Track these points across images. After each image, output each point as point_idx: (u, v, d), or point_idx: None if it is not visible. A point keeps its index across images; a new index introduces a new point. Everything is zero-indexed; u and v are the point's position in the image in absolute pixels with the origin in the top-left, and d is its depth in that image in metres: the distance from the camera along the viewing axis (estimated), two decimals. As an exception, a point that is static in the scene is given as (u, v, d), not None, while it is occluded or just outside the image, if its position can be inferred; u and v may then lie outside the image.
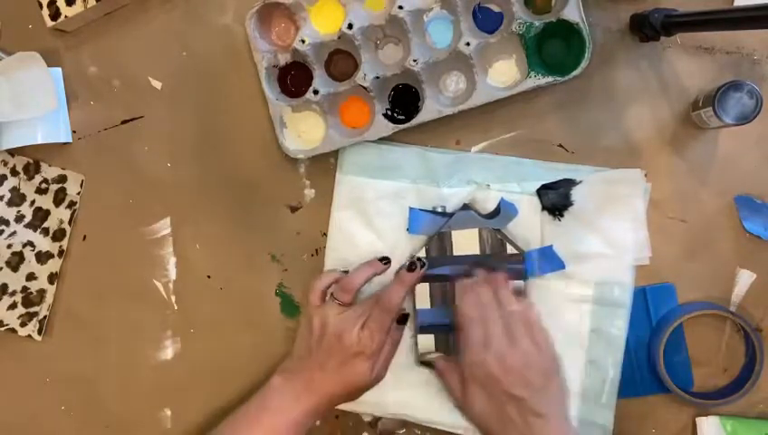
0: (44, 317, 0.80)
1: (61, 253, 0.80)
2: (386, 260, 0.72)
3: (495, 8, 0.72)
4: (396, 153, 0.74)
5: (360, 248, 0.74)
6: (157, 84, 0.79)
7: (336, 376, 0.68)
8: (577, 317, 0.71)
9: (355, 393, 0.70)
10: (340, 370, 0.68)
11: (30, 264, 0.80)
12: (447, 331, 0.71)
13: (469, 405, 0.66)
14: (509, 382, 0.63)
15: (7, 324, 0.81)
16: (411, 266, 0.70)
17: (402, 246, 0.74)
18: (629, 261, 0.71)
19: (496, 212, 0.72)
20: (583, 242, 0.71)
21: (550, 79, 0.69)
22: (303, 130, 0.75)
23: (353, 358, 0.68)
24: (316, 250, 0.77)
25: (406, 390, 0.73)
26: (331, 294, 0.71)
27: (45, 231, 0.80)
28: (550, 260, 0.71)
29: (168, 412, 0.80)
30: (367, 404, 0.73)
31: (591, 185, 0.71)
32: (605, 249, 0.71)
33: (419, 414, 0.73)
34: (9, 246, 0.80)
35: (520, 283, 0.70)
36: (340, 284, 0.71)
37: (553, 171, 0.72)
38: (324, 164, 0.76)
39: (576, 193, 0.71)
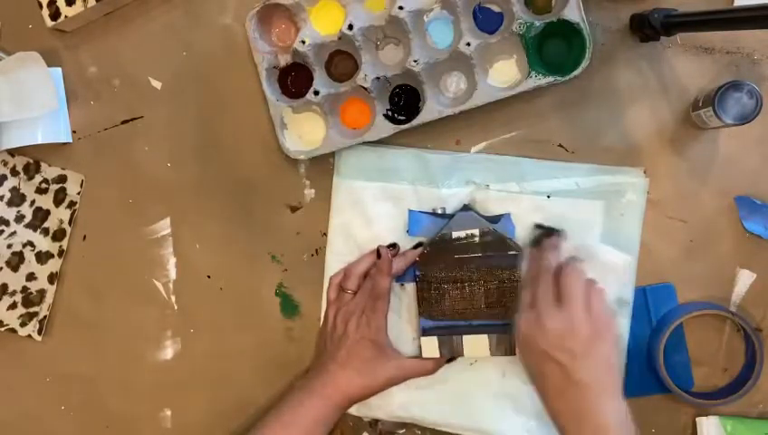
0: (44, 317, 0.80)
1: (61, 253, 0.80)
2: (393, 245, 0.74)
3: (496, 8, 0.72)
4: (393, 156, 0.74)
5: (361, 252, 0.74)
6: (157, 84, 0.79)
7: (348, 366, 0.69)
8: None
9: (371, 384, 0.70)
10: (349, 358, 0.69)
11: (30, 264, 0.80)
12: (450, 333, 0.71)
13: (522, 360, 0.67)
14: (546, 343, 0.62)
15: (7, 324, 0.81)
16: (378, 255, 0.72)
17: (403, 249, 0.74)
18: (631, 259, 0.71)
19: (497, 219, 0.72)
20: (586, 238, 0.71)
21: (550, 79, 0.69)
22: (304, 131, 0.75)
23: (356, 344, 0.69)
24: (316, 250, 0.77)
25: (412, 392, 0.73)
26: (340, 285, 0.73)
27: (45, 231, 0.80)
28: None
29: (168, 412, 0.80)
30: (372, 407, 0.73)
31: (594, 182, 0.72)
32: (606, 247, 0.71)
33: (425, 416, 0.73)
34: (9, 246, 0.80)
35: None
36: (345, 272, 0.74)
37: (553, 171, 0.72)
38: (324, 164, 0.76)
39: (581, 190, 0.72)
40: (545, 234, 0.70)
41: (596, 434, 0.60)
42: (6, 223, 0.81)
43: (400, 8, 0.70)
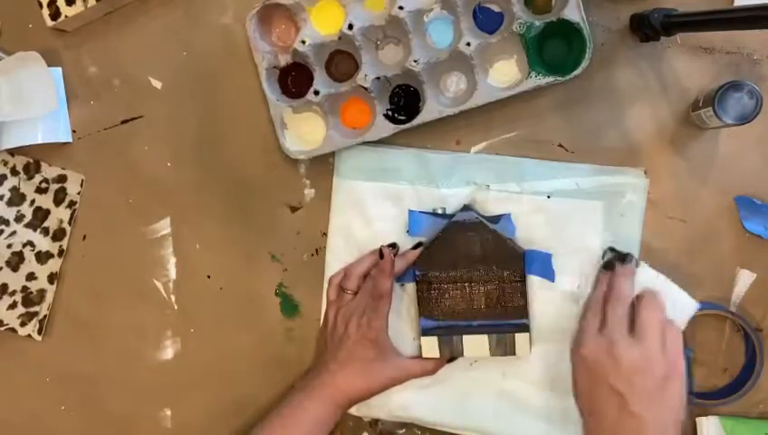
0: (44, 317, 0.80)
1: (61, 253, 0.80)
2: (393, 245, 0.73)
3: (496, 8, 0.72)
4: (393, 155, 0.74)
5: (361, 252, 0.74)
6: (157, 84, 0.79)
7: (348, 366, 0.69)
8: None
9: (371, 385, 0.70)
10: (350, 359, 0.69)
11: (30, 264, 0.80)
12: (450, 333, 0.71)
13: (574, 380, 0.64)
14: (615, 375, 0.60)
15: (7, 324, 0.81)
16: (380, 255, 0.71)
17: (403, 249, 0.74)
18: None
19: (497, 219, 0.72)
20: (587, 239, 0.71)
21: (550, 79, 0.69)
22: (304, 131, 0.75)
23: (357, 345, 0.69)
24: (316, 250, 0.77)
25: (412, 392, 0.73)
26: (340, 285, 0.73)
27: (45, 231, 0.80)
28: (544, 268, 0.71)
29: (168, 412, 0.80)
30: (372, 407, 0.73)
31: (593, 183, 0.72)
32: (604, 247, 0.71)
33: (425, 416, 0.73)
34: (9, 246, 0.80)
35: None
36: (345, 272, 0.74)
37: (553, 171, 0.72)
38: (324, 164, 0.76)
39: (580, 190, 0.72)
40: (619, 258, 0.69)
41: None
42: (6, 223, 0.81)
43: (400, 8, 0.70)
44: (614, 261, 0.69)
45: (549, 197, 0.72)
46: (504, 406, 0.72)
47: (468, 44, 0.70)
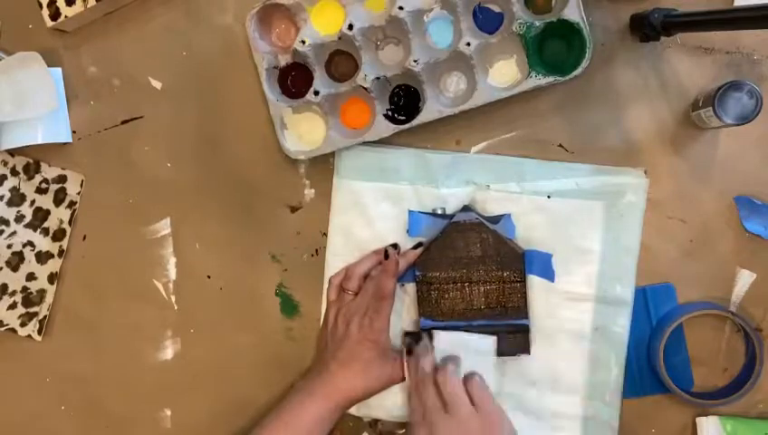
0: (44, 317, 0.80)
1: (61, 253, 0.80)
2: (395, 246, 0.73)
3: (496, 8, 0.72)
4: (393, 155, 0.74)
5: (361, 252, 0.74)
6: (157, 84, 0.79)
7: (349, 367, 0.69)
8: (579, 316, 0.71)
9: (372, 385, 0.70)
10: (350, 359, 0.69)
11: (30, 264, 0.80)
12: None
13: None
14: None
15: (7, 324, 0.81)
16: (385, 255, 0.71)
17: (403, 249, 0.74)
18: (630, 260, 0.71)
19: (497, 219, 0.72)
20: (587, 239, 0.71)
21: (550, 79, 0.69)
22: (304, 131, 0.75)
23: (358, 345, 0.69)
24: (316, 250, 0.77)
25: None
26: (341, 286, 0.73)
27: (45, 231, 0.80)
28: (544, 268, 0.71)
29: (168, 412, 0.80)
30: (372, 407, 0.73)
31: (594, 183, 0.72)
32: (604, 247, 0.71)
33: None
34: (9, 246, 0.81)
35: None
36: (346, 273, 0.74)
37: (553, 171, 0.72)
38: (324, 164, 0.76)
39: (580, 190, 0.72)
40: (414, 340, 0.71)
41: None
42: (6, 223, 0.81)
43: (400, 8, 0.70)
44: (411, 345, 0.70)
45: (549, 197, 0.72)
46: (504, 406, 0.72)
47: (468, 44, 0.70)
